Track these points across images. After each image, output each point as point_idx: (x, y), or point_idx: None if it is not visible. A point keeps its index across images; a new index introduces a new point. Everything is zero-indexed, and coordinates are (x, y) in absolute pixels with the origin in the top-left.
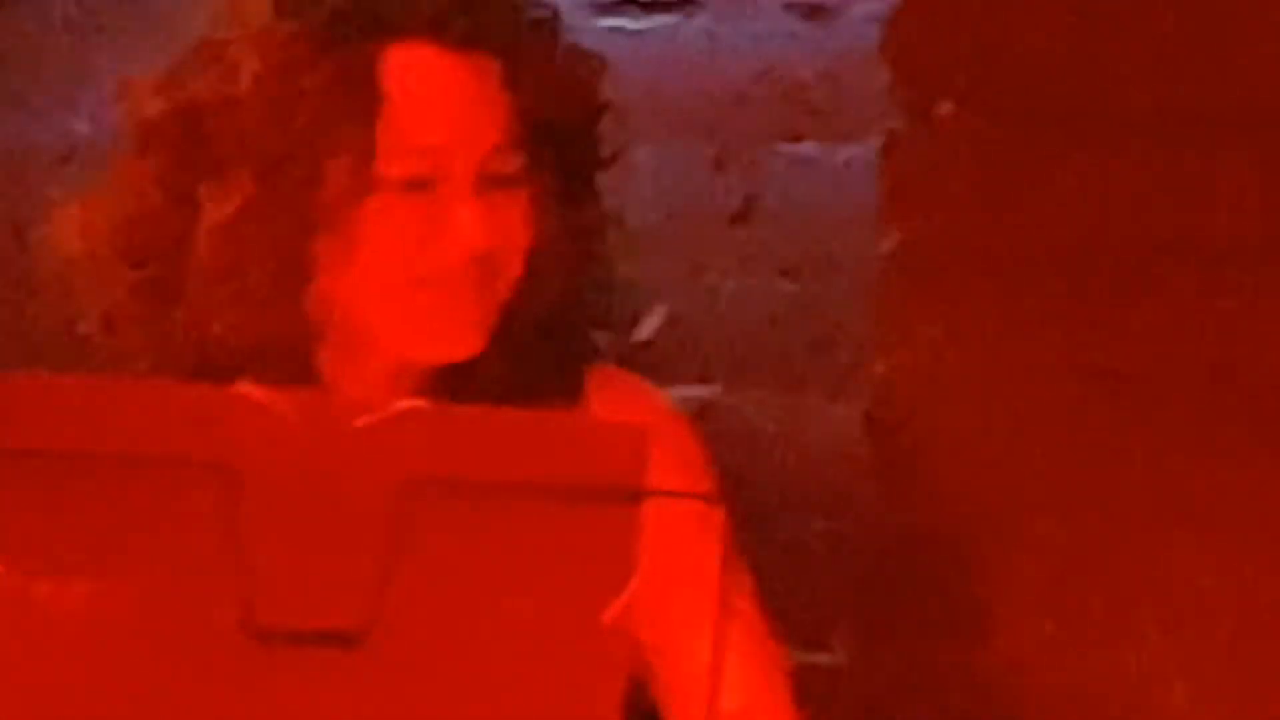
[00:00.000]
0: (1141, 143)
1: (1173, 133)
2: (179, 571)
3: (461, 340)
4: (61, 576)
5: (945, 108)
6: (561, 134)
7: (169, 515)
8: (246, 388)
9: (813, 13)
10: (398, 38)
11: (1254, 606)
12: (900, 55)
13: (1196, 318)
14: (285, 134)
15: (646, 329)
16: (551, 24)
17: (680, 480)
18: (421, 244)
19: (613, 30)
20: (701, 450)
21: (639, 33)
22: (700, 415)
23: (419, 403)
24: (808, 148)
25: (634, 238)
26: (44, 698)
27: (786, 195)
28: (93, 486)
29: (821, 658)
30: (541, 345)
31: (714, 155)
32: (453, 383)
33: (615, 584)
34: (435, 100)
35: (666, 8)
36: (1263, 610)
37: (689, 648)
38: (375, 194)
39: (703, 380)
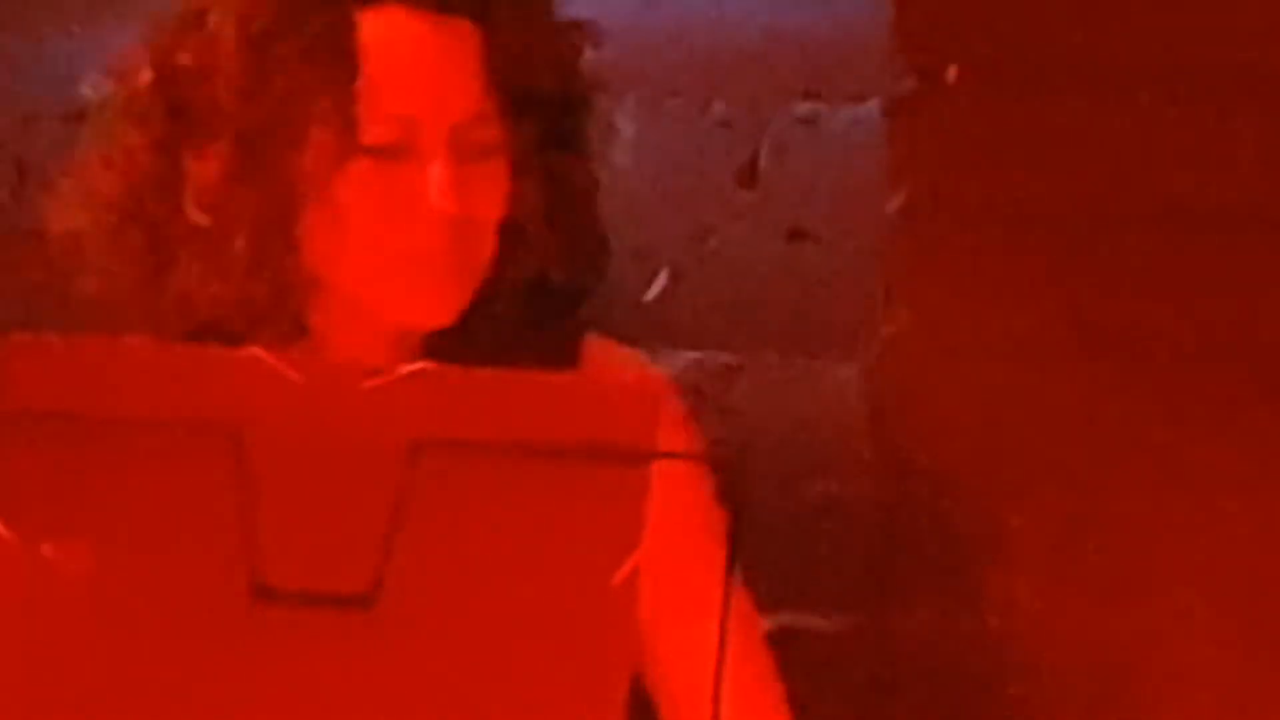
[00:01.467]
0: (1146, 106)
1: (1177, 95)
2: (186, 534)
3: (437, 309)
4: (68, 539)
5: (952, 71)
6: (543, 105)
7: (176, 477)
8: (254, 350)
9: None
10: (372, 3)
11: (1253, 574)
12: (907, 19)
13: (1200, 281)
14: (263, 102)
15: (651, 291)
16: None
17: (681, 473)
18: (398, 210)
19: None
20: (693, 424)
21: None
22: (705, 378)
23: (427, 365)
24: (815, 108)
25: (638, 199)
26: (50, 660)
27: (793, 156)
28: (100, 449)
29: (826, 622)
30: (530, 313)
31: (720, 115)
32: (444, 348)
33: (625, 545)
34: (408, 66)
35: None
36: (1261, 578)
37: (687, 614)
38: (353, 161)
39: (708, 344)
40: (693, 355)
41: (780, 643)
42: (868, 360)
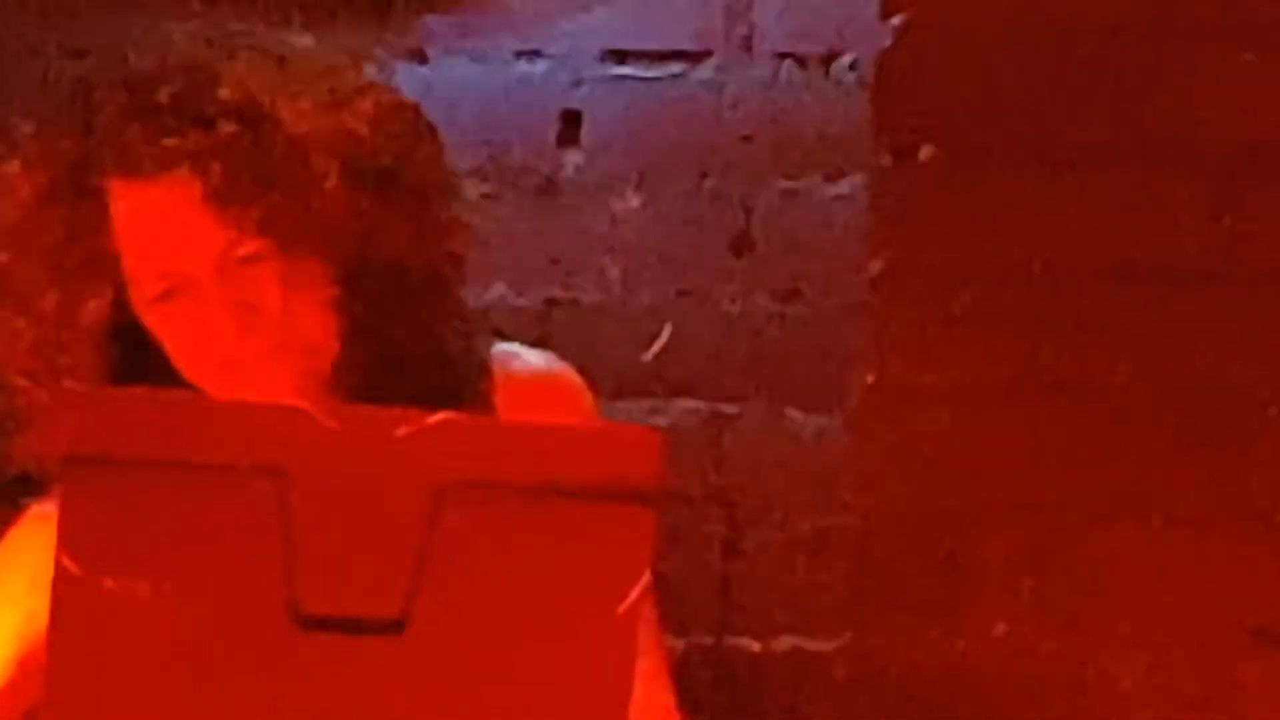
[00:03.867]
0: (1099, 179)
1: (1126, 169)
2: (234, 567)
3: (285, 398)
4: (128, 573)
5: (925, 150)
6: (284, 209)
7: (225, 517)
8: (297, 401)
9: (806, 62)
10: (110, 180)
11: (1201, 594)
12: (884, 103)
13: (1148, 332)
14: (43, 270)
15: (653, 350)
16: (251, 115)
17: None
18: (198, 342)
19: (624, 77)
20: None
21: (647, 82)
22: (702, 426)
23: (452, 415)
24: (801, 184)
25: (642, 265)
26: (110, 684)
27: (781, 226)
28: (156, 491)
29: (813, 643)
30: (395, 374)
31: (715, 190)
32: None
33: (631, 577)
34: (142, 232)
35: (675, 57)
36: (1210, 598)
37: None
38: (145, 311)
39: (705, 395)
40: (692, 404)
41: (772, 662)
42: (848, 409)
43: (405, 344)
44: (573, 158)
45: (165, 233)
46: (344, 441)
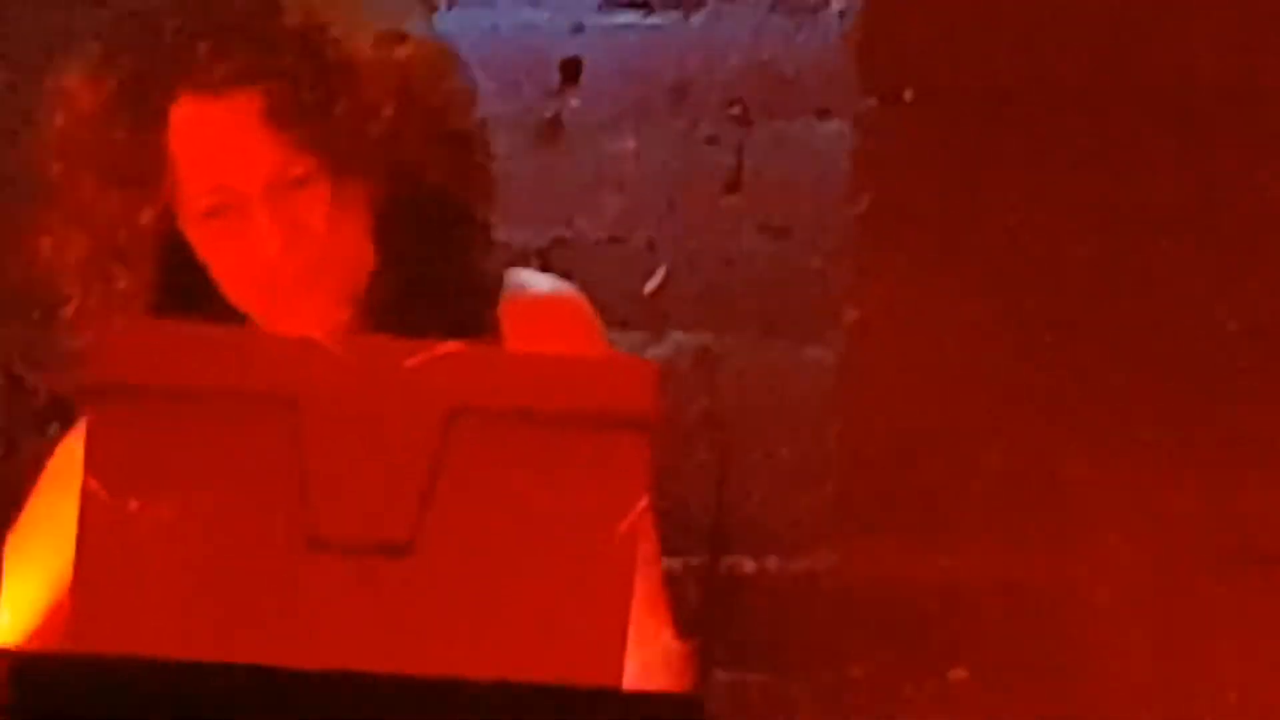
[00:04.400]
0: (1072, 122)
1: (1101, 111)
2: (250, 490)
3: (308, 320)
4: (150, 496)
5: (909, 93)
6: (342, 134)
7: (241, 442)
8: (311, 333)
9: (794, 10)
10: (173, 95)
11: (1171, 518)
12: (869, 48)
13: (1122, 272)
14: (106, 192)
15: (651, 284)
16: (314, 40)
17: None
18: (242, 256)
19: (624, 25)
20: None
21: (643, 29)
22: (696, 357)
23: (460, 345)
24: (790, 125)
25: (640, 205)
26: (133, 601)
27: (771, 166)
28: (177, 418)
29: (798, 564)
30: (417, 299)
31: (707, 131)
32: (375, 319)
33: (629, 499)
34: (200, 146)
35: (670, 5)
36: (1180, 522)
37: None
38: (193, 226)
39: (699, 327)
40: (686, 337)
41: (763, 580)
42: (835, 341)
43: (436, 273)
44: (573, 101)
45: (223, 148)
46: (355, 371)
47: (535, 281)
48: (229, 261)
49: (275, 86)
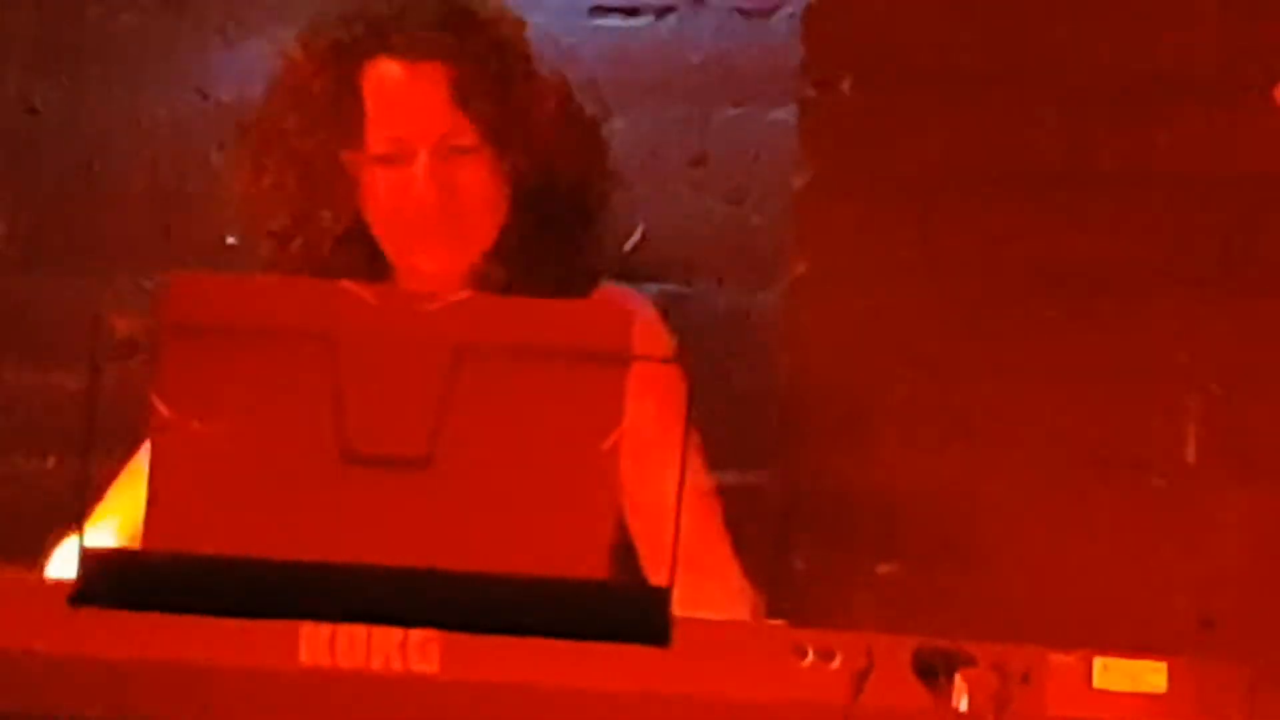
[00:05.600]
0: (981, 100)
1: (1003, 90)
2: (294, 413)
3: (435, 262)
4: (211, 418)
5: (846, 82)
6: (507, 121)
7: (287, 372)
8: (345, 282)
9: (750, 14)
10: (371, 58)
11: (1056, 429)
12: (813, 44)
13: (1024, 226)
14: (312, 131)
15: (630, 242)
16: (501, 33)
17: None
18: (399, 198)
19: (603, 29)
20: (668, 336)
21: (624, 30)
22: (668, 302)
23: (472, 293)
24: (746, 110)
25: (622, 178)
26: (197, 506)
27: (730, 144)
28: (234, 351)
29: (750, 478)
30: (534, 273)
31: (678, 115)
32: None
33: (611, 421)
34: (389, 100)
35: (644, 11)
36: (1064, 433)
37: (658, 482)
38: (370, 165)
39: (668, 278)
40: (659, 287)
41: (724, 491)
42: (783, 289)
43: (550, 256)
44: None
45: (405, 105)
46: (383, 313)
47: (617, 289)
48: (386, 204)
49: (464, 66)
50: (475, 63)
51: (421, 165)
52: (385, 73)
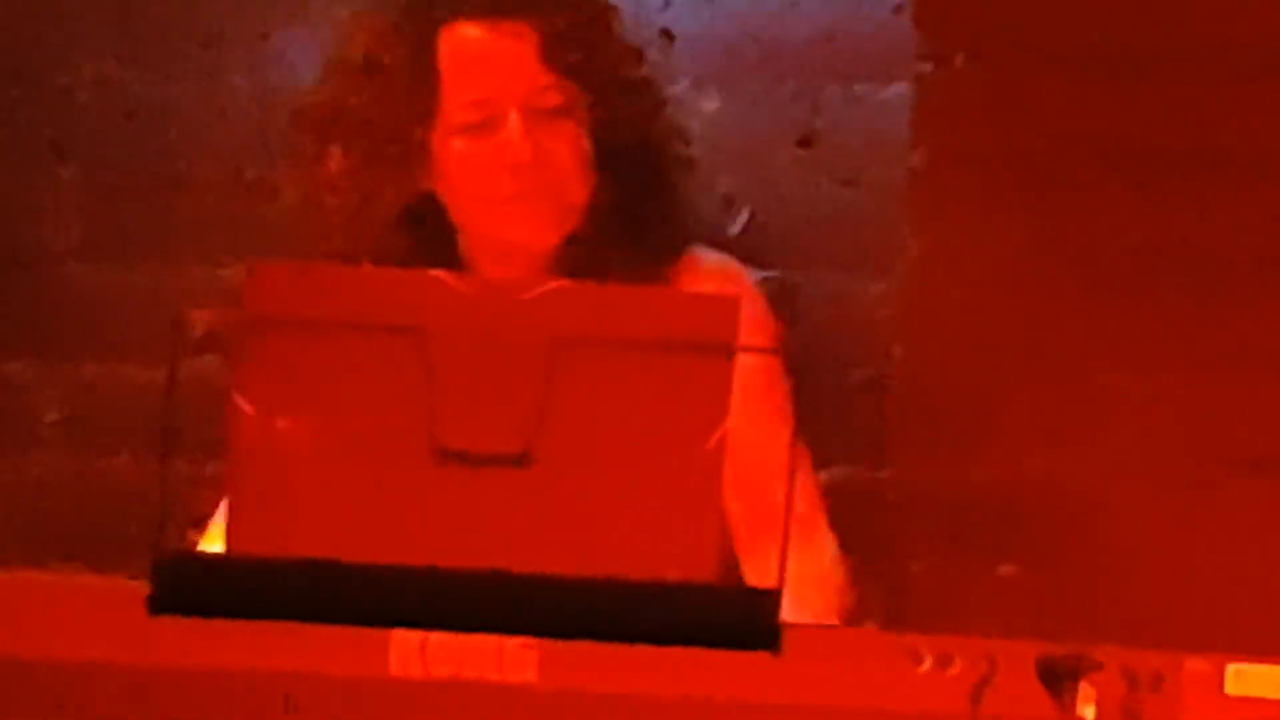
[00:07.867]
0: (1106, 78)
1: (1129, 69)
2: (384, 409)
3: (531, 229)
4: (297, 414)
5: (960, 57)
6: (597, 80)
7: (376, 366)
8: (437, 272)
9: None
10: (447, 24)
11: (1184, 420)
12: (925, 19)
13: (1147, 210)
14: (380, 106)
15: (736, 226)
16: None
17: (754, 339)
18: (488, 166)
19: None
20: (768, 314)
21: (730, 2)
22: (777, 290)
23: (568, 281)
24: (857, 88)
25: (725, 158)
26: (282, 506)
27: (841, 124)
28: (320, 345)
29: (862, 475)
30: (625, 236)
31: (785, 93)
32: (569, 267)
33: (716, 417)
34: (475, 62)
35: None
36: (1194, 424)
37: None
38: (450, 137)
39: (778, 265)
40: (767, 274)
41: (831, 490)
42: (898, 275)
43: (639, 219)
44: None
45: (490, 63)
46: (477, 304)
47: (706, 253)
48: (473, 174)
49: (555, 25)
50: (564, 20)
51: (515, 126)
52: (465, 35)
